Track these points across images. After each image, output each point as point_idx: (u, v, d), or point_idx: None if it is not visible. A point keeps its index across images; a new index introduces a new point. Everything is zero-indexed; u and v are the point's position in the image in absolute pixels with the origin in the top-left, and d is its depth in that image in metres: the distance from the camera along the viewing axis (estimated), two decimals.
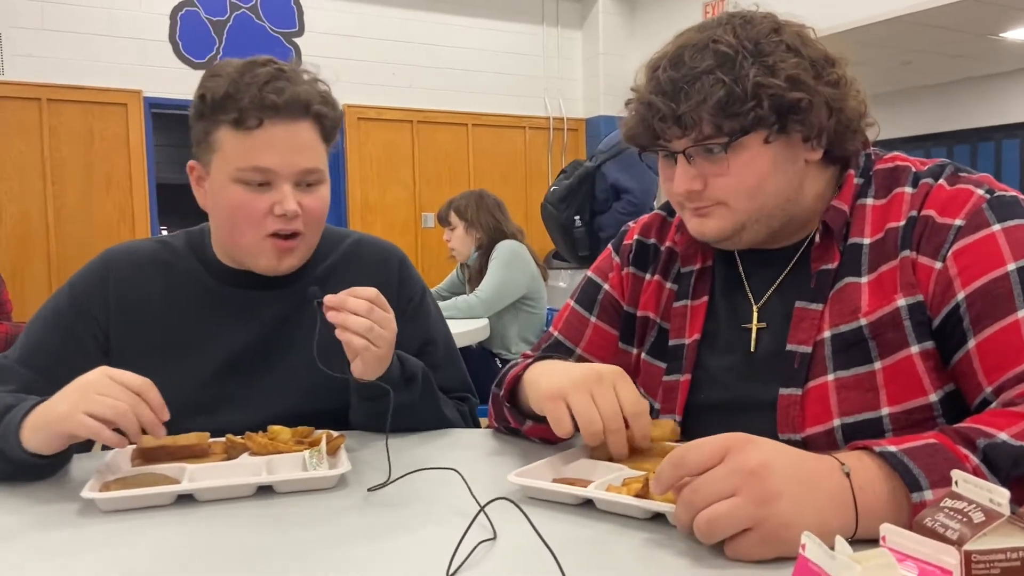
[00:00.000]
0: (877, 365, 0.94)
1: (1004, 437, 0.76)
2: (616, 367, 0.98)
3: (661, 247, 1.17)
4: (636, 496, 0.82)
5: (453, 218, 3.65)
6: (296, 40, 6.00)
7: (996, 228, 0.90)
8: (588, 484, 0.88)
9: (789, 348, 0.99)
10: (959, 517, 0.56)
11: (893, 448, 0.75)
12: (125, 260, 1.28)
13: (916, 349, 0.92)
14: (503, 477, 0.91)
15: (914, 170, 1.00)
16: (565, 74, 7.11)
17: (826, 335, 0.97)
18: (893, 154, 1.04)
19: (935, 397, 0.92)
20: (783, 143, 0.97)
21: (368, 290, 1.11)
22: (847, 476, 0.73)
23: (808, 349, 0.97)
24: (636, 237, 1.20)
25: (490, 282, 3.43)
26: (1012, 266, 0.87)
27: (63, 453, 1.00)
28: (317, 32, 6.00)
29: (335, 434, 1.08)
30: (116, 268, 1.27)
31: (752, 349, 1.04)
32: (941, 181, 0.96)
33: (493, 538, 0.78)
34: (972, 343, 0.88)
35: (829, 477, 0.73)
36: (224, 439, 1.08)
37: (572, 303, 1.24)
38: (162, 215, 5.77)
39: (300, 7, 6.04)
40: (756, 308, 1.05)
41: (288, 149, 1.16)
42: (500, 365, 3.36)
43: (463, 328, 3.03)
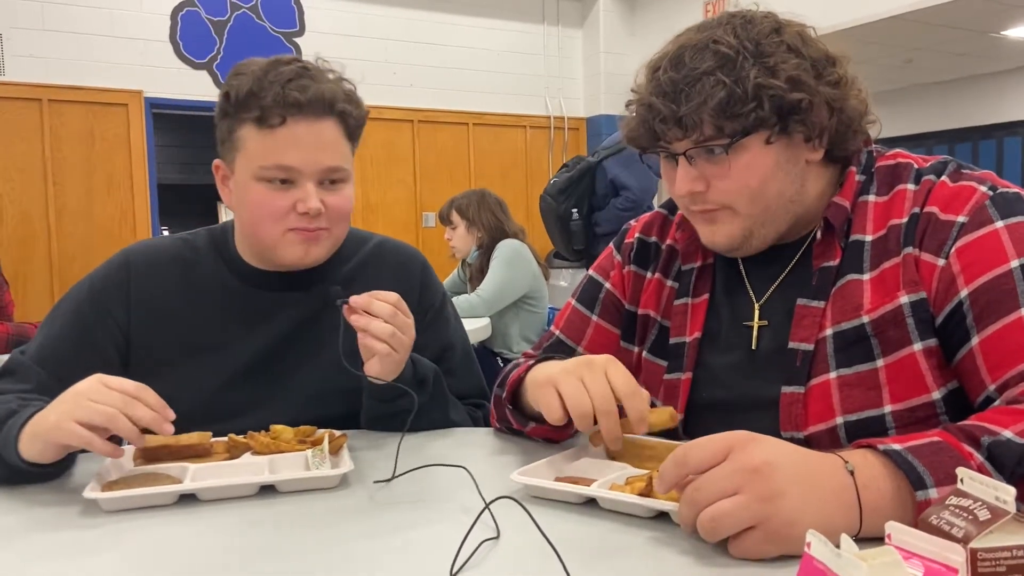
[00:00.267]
0: (880, 363, 0.94)
1: (1009, 435, 0.75)
2: (608, 355, 0.97)
3: (662, 245, 1.17)
4: (639, 495, 0.82)
5: (455, 217, 3.65)
6: (296, 40, 6.00)
7: (999, 225, 0.90)
8: (591, 483, 0.88)
9: (791, 346, 0.99)
10: (965, 515, 0.56)
11: (897, 446, 0.74)
12: (146, 258, 1.27)
13: (919, 346, 0.92)
14: (506, 476, 0.91)
15: (916, 167, 0.99)
16: (566, 73, 7.11)
17: (828, 333, 0.97)
18: (895, 151, 1.04)
19: (938, 395, 0.92)
20: (784, 144, 0.96)
21: (391, 294, 1.12)
22: (851, 474, 0.73)
23: (810, 347, 0.97)
24: (637, 235, 1.20)
25: (491, 281, 3.43)
26: (1015, 263, 0.87)
27: (63, 460, 1.00)
28: (317, 32, 6.00)
29: (337, 433, 1.07)
30: (137, 266, 1.25)
31: (753, 347, 1.04)
32: (944, 178, 0.96)
33: (496, 537, 0.77)
34: (975, 340, 0.88)
35: (833, 475, 0.73)
36: (226, 438, 1.07)
37: (573, 302, 1.24)
38: (163, 215, 5.78)
39: (300, 7, 6.05)
40: (757, 306, 1.05)
41: (311, 147, 1.16)
42: (502, 364, 3.36)
43: (464, 327, 3.02)
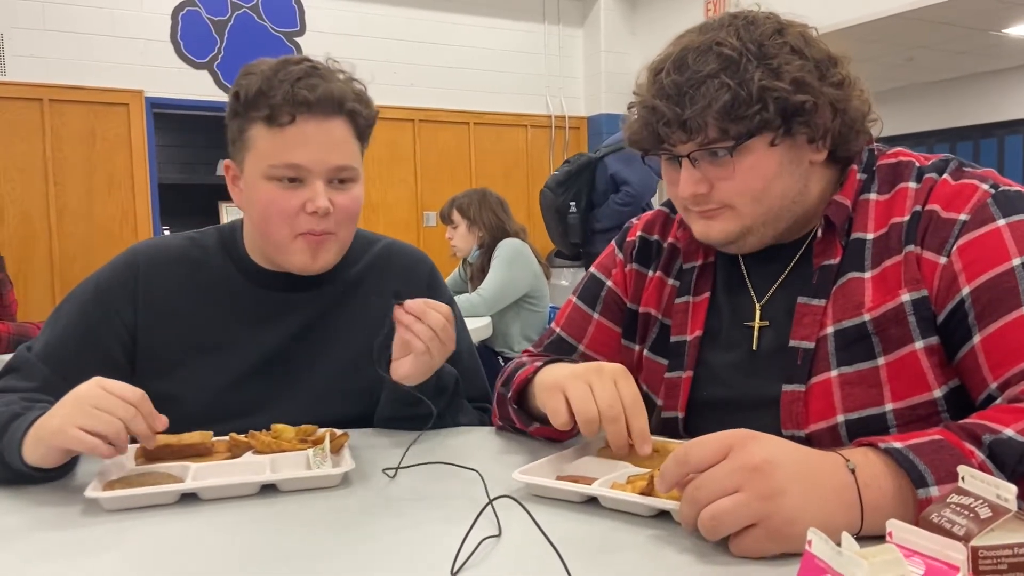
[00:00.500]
0: (881, 361, 0.94)
1: (1010, 433, 0.75)
2: (619, 365, 0.97)
3: (664, 244, 1.17)
4: (641, 493, 0.82)
5: (456, 216, 3.65)
6: (297, 39, 6.00)
7: (1001, 223, 0.90)
8: (592, 482, 0.88)
9: (792, 344, 0.98)
10: (966, 513, 0.56)
11: (899, 444, 0.74)
12: (153, 257, 1.26)
13: (920, 344, 0.92)
14: (508, 475, 0.91)
15: (918, 165, 0.99)
16: (567, 72, 7.11)
17: (829, 331, 0.97)
18: (896, 149, 1.04)
19: (939, 393, 0.92)
20: (788, 145, 0.96)
21: (444, 307, 1.14)
22: (852, 472, 0.73)
23: (811, 345, 0.97)
24: (639, 234, 1.20)
25: (492, 280, 3.43)
26: (1017, 261, 0.87)
27: (66, 464, 0.99)
28: (318, 32, 6.00)
29: (338, 432, 1.07)
30: (144, 265, 1.25)
31: (754, 346, 1.04)
32: (945, 176, 0.96)
33: (498, 535, 0.77)
34: (977, 338, 0.88)
35: (834, 473, 0.73)
36: (228, 437, 1.07)
37: (575, 299, 1.24)
38: (164, 215, 5.77)
39: (301, 6, 6.04)
40: (759, 306, 1.05)
41: (320, 146, 1.16)
42: (503, 363, 3.36)
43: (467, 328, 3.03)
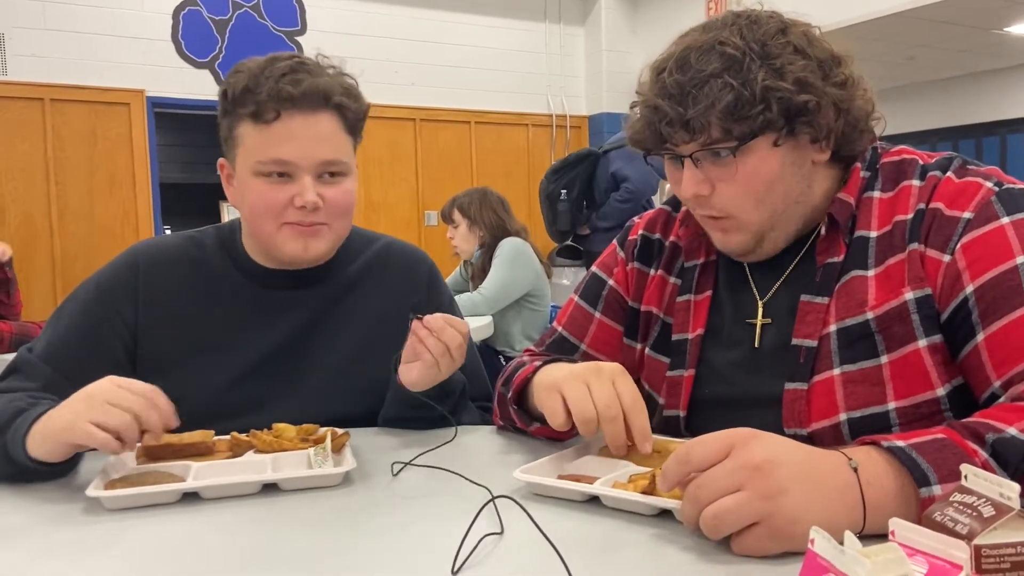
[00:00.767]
0: (884, 359, 0.93)
1: (1013, 432, 0.75)
2: (617, 364, 0.97)
3: (666, 242, 1.17)
4: (642, 492, 0.82)
5: (456, 216, 3.65)
6: (298, 39, 6.00)
7: (1005, 221, 0.89)
8: (594, 481, 0.88)
9: (795, 342, 0.98)
10: (969, 511, 0.56)
11: (901, 443, 0.74)
12: (154, 257, 1.27)
13: (924, 343, 0.92)
14: (509, 473, 0.91)
15: (921, 163, 0.99)
16: (568, 71, 7.11)
17: (832, 329, 0.96)
18: (900, 147, 1.04)
19: (942, 391, 0.91)
20: (791, 145, 0.96)
21: (464, 326, 1.14)
22: (855, 471, 0.72)
23: (814, 343, 0.97)
24: (641, 232, 1.20)
25: (494, 279, 3.43)
26: (1021, 259, 0.87)
27: (69, 460, 1.00)
28: (319, 31, 6.01)
29: (340, 432, 1.07)
30: (145, 265, 1.25)
31: (756, 344, 1.04)
32: (949, 174, 0.96)
33: (500, 533, 0.77)
34: (981, 337, 0.88)
35: (837, 472, 0.73)
36: (229, 436, 1.07)
37: (576, 298, 1.24)
38: (165, 215, 5.78)
39: (302, 6, 6.05)
40: (761, 304, 1.05)
41: (307, 140, 1.16)
42: (504, 362, 3.35)
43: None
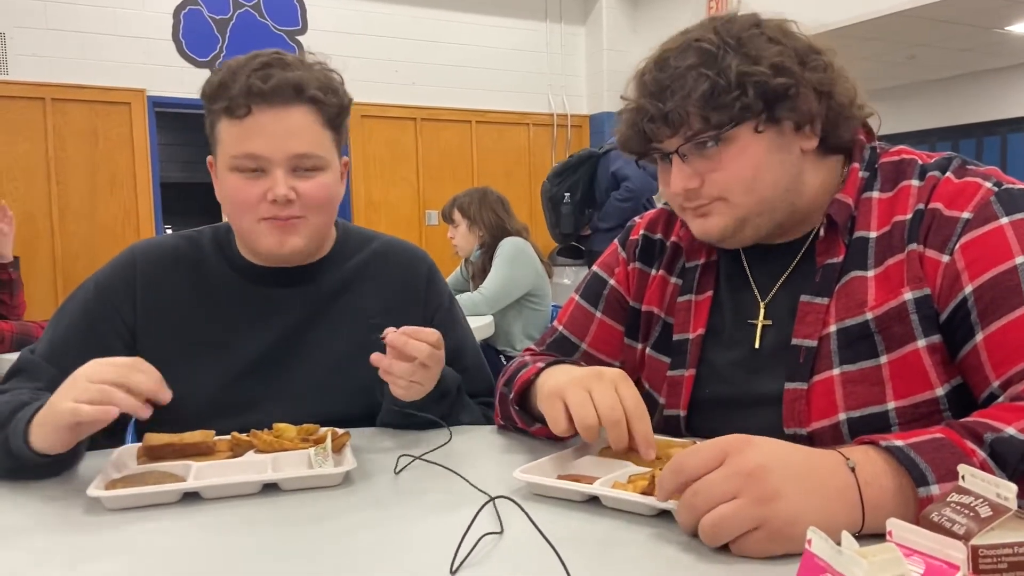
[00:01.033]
0: (883, 359, 0.94)
1: (1011, 431, 0.75)
2: (619, 369, 0.97)
3: (667, 242, 1.17)
4: (642, 493, 0.82)
5: (456, 215, 3.65)
6: (299, 38, 6.00)
7: (1004, 221, 0.90)
8: (593, 481, 0.88)
9: (795, 343, 0.98)
10: (966, 512, 0.56)
11: (899, 442, 0.74)
12: (152, 256, 1.28)
13: (923, 343, 0.92)
14: (509, 473, 0.91)
15: (920, 163, 0.99)
16: (568, 70, 7.11)
17: (832, 329, 0.97)
18: (899, 147, 1.04)
19: (941, 391, 0.92)
20: (775, 132, 0.97)
21: (432, 333, 1.11)
22: (852, 471, 0.73)
23: (813, 343, 0.97)
24: (642, 232, 1.20)
25: (494, 279, 3.43)
26: (1020, 259, 0.87)
27: (71, 453, 1.00)
28: (320, 30, 6.01)
29: (340, 431, 1.07)
30: (143, 264, 1.26)
31: (757, 345, 1.04)
32: (948, 174, 0.96)
33: (500, 532, 0.77)
34: (980, 337, 0.88)
35: (834, 472, 0.73)
36: (230, 436, 1.08)
37: (577, 298, 1.24)
38: (166, 214, 5.78)
39: (303, 5, 6.05)
40: (763, 305, 1.05)
41: (278, 134, 1.16)
42: (505, 362, 3.35)
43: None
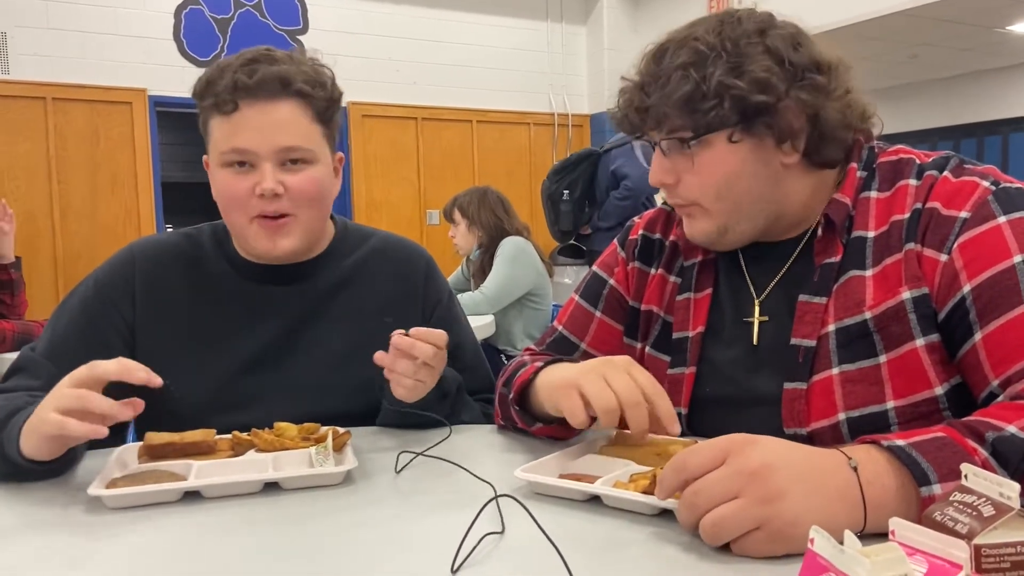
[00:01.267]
0: (882, 358, 0.94)
1: (1013, 430, 0.75)
2: (627, 356, 0.97)
3: (666, 241, 1.17)
4: (643, 492, 0.82)
5: (457, 215, 3.65)
6: (300, 37, 6.00)
7: (1002, 220, 0.90)
8: (595, 480, 0.88)
9: (793, 342, 0.98)
10: (969, 511, 0.56)
11: (901, 442, 0.74)
12: (151, 254, 1.28)
13: (921, 342, 0.92)
14: (510, 472, 0.91)
15: (918, 162, 0.99)
16: (569, 70, 7.11)
17: (830, 329, 0.97)
18: (897, 147, 1.04)
19: (941, 390, 0.92)
20: (753, 144, 0.97)
21: (440, 335, 1.10)
22: (855, 470, 0.72)
23: (812, 343, 0.97)
24: (641, 232, 1.20)
25: (495, 278, 3.43)
26: (1018, 258, 0.87)
27: (65, 457, 0.99)
28: (321, 30, 6.01)
29: (341, 430, 1.07)
30: (142, 262, 1.27)
31: (755, 342, 1.04)
32: (946, 173, 0.96)
33: (501, 532, 0.77)
34: (979, 336, 0.88)
35: (836, 472, 0.73)
36: (231, 436, 1.08)
37: (577, 298, 1.24)
38: (167, 214, 5.78)
39: (304, 4, 6.05)
40: (757, 302, 1.05)
41: (265, 128, 1.16)
42: (505, 361, 3.35)
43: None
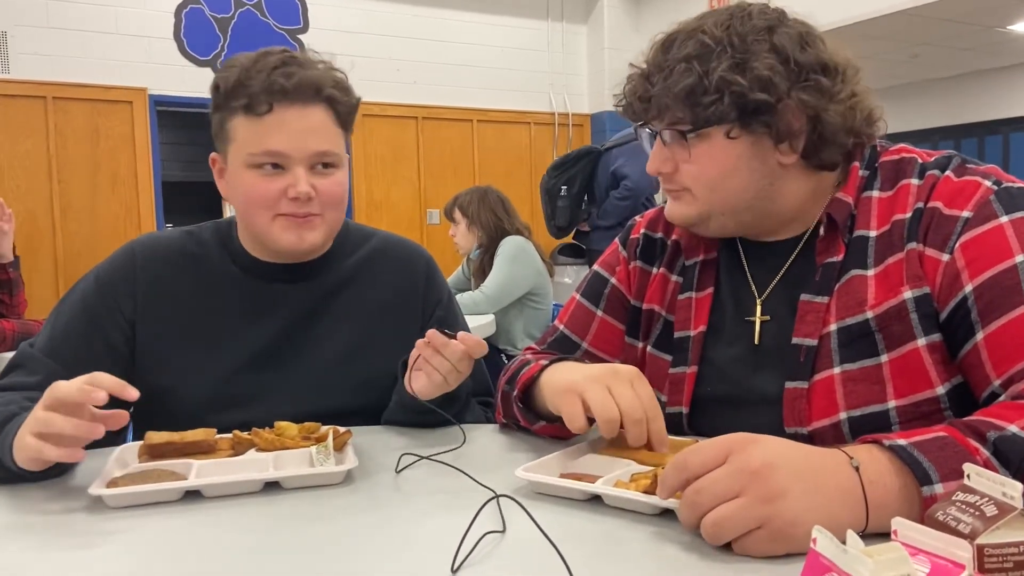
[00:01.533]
0: (884, 358, 0.94)
1: (1014, 430, 0.75)
2: (633, 367, 0.97)
3: (667, 241, 1.17)
4: (644, 492, 0.82)
5: (457, 214, 3.65)
6: (300, 37, 6.00)
7: (1004, 220, 0.89)
8: (596, 480, 0.88)
9: (795, 341, 0.98)
10: (971, 510, 0.56)
11: (903, 441, 0.74)
12: (152, 251, 1.28)
13: (923, 342, 0.92)
14: (511, 472, 0.91)
15: (920, 161, 0.99)
16: (570, 69, 7.10)
17: (832, 328, 0.96)
18: (899, 146, 1.04)
19: (942, 390, 0.91)
20: (750, 141, 0.97)
21: (476, 341, 1.11)
22: (856, 470, 0.72)
23: (814, 342, 0.97)
24: (643, 231, 1.20)
25: (495, 278, 3.43)
26: (1020, 258, 0.87)
27: (60, 465, 0.97)
28: (322, 29, 6.01)
29: (342, 430, 1.07)
30: (143, 258, 1.26)
31: (756, 341, 1.04)
32: (948, 172, 0.96)
33: (502, 531, 0.77)
34: (980, 335, 0.88)
35: (838, 472, 0.73)
36: (231, 435, 1.08)
37: (578, 297, 1.24)
38: (168, 213, 5.78)
39: (304, 4, 6.05)
40: (759, 301, 1.05)
41: (299, 132, 1.17)
42: (506, 361, 3.35)
43: (468, 324, 3.02)
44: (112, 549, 0.79)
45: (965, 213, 0.91)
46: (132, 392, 0.91)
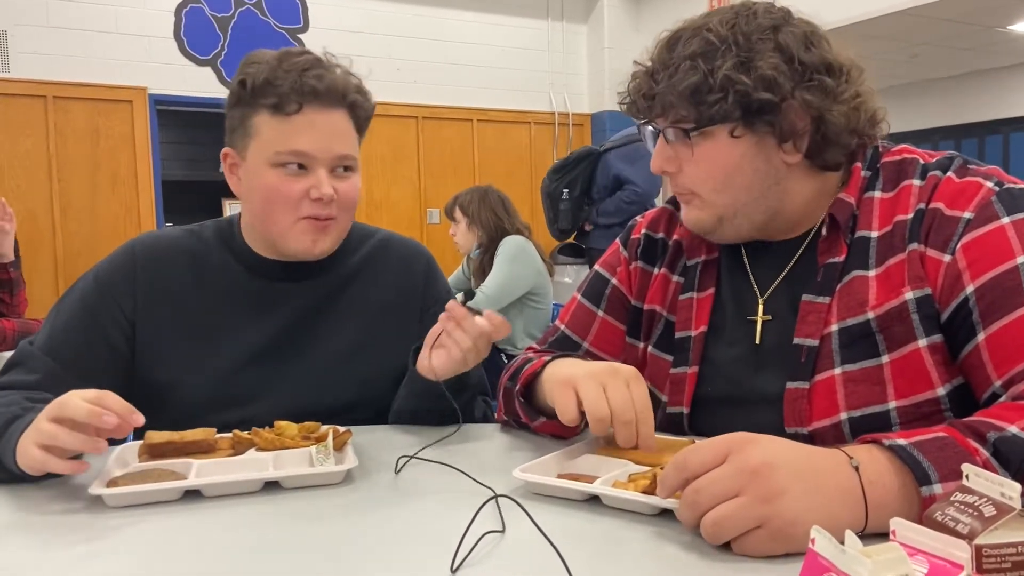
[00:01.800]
0: (885, 359, 0.94)
1: (1014, 430, 0.75)
2: (632, 368, 0.97)
3: (669, 241, 1.17)
4: (642, 492, 0.82)
5: (457, 213, 3.65)
6: (300, 36, 6.00)
7: (1005, 221, 0.89)
8: (594, 480, 0.88)
9: (796, 342, 0.98)
10: (970, 511, 0.56)
11: (903, 441, 0.74)
12: (152, 249, 1.28)
13: (924, 342, 0.92)
14: (510, 472, 0.91)
15: (922, 162, 0.99)
16: (570, 69, 7.10)
17: (833, 328, 0.96)
18: (901, 146, 1.04)
19: (943, 391, 0.92)
20: (754, 141, 0.97)
21: (498, 320, 1.12)
22: (856, 470, 0.72)
23: (815, 343, 0.97)
24: (644, 231, 1.20)
25: (495, 277, 3.43)
26: (1022, 259, 0.87)
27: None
28: (322, 28, 6.00)
29: (342, 429, 1.07)
30: (143, 256, 1.26)
31: (757, 341, 1.04)
32: (950, 173, 0.96)
33: (501, 531, 0.77)
34: (981, 336, 0.88)
35: (838, 471, 0.73)
36: (231, 435, 1.08)
37: (579, 297, 1.24)
38: (168, 212, 5.78)
39: (304, 3, 6.04)
40: (761, 300, 1.05)
41: (325, 134, 1.19)
42: (505, 360, 3.36)
43: None
44: (112, 549, 0.79)
45: (967, 214, 0.91)
46: (139, 418, 0.92)
